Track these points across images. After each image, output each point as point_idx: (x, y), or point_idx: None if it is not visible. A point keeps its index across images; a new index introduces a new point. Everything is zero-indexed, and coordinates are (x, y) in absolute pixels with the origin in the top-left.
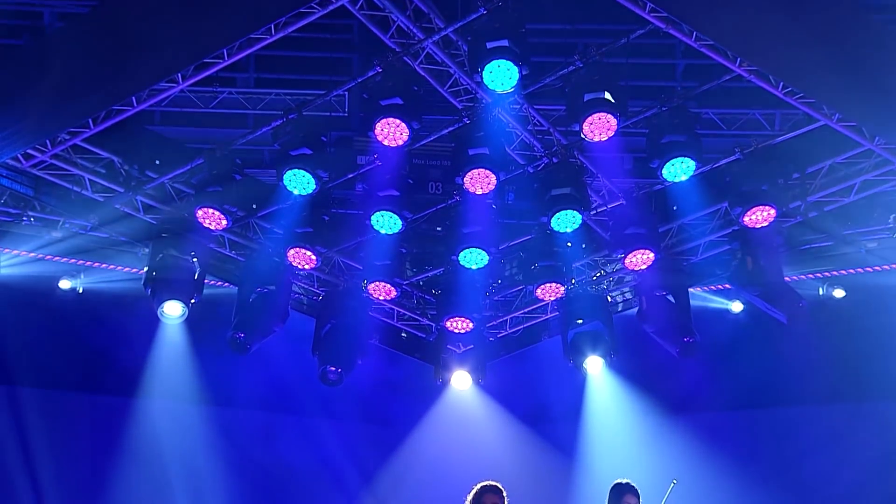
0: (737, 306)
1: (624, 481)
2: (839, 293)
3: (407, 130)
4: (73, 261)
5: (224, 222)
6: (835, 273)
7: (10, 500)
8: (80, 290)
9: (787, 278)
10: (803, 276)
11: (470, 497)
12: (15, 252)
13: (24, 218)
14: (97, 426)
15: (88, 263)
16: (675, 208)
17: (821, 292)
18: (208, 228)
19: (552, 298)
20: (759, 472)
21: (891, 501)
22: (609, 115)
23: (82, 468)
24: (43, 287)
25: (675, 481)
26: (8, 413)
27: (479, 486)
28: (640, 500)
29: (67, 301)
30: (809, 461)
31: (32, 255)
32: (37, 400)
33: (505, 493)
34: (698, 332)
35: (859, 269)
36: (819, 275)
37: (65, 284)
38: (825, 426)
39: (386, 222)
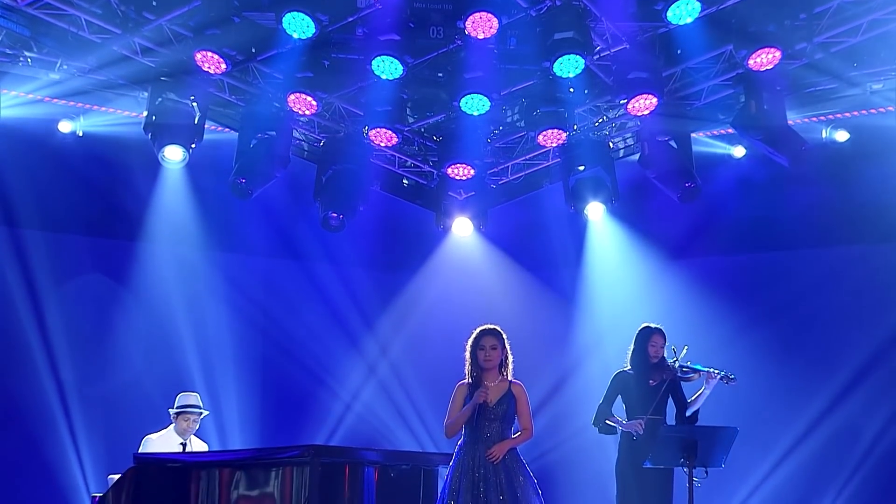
0: (739, 151)
1: (653, 325)
2: (842, 136)
3: None
4: (72, 103)
5: (223, 66)
6: (838, 115)
7: (20, 342)
8: (81, 134)
9: (790, 122)
10: (806, 119)
11: (470, 340)
12: (14, 93)
13: (22, 59)
14: (101, 269)
15: (88, 106)
16: (679, 52)
17: (824, 135)
18: (207, 72)
19: (554, 145)
20: (757, 313)
21: (887, 341)
22: None
23: (88, 311)
24: (43, 129)
25: (686, 347)
26: (12, 255)
27: (478, 329)
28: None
29: (68, 144)
30: (807, 302)
31: (31, 96)
32: (40, 242)
33: (504, 336)
34: (699, 177)
35: (863, 111)
36: (823, 117)
37: (65, 127)
38: (825, 268)
39: (387, 67)
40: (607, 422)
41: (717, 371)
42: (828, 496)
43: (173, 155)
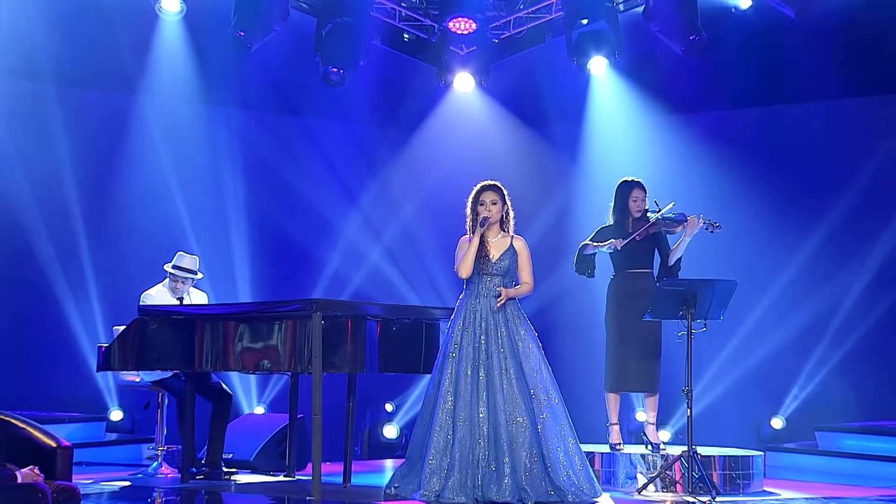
0: (744, 2)
1: (630, 178)
2: None
3: None
4: None
5: None
6: None
7: (21, 197)
8: None
9: None
10: None
11: (471, 196)
12: None
13: None
14: (99, 122)
15: None
16: None
17: None
18: None
19: None
20: (765, 167)
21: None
22: None
23: (91, 164)
24: None
25: (672, 203)
26: (6, 108)
27: (479, 185)
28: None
29: None
30: (817, 155)
31: None
32: (36, 94)
33: (505, 192)
34: (704, 30)
35: None
36: None
37: None
38: (834, 120)
39: None
40: (586, 251)
41: (699, 218)
42: (824, 338)
43: (170, 6)
